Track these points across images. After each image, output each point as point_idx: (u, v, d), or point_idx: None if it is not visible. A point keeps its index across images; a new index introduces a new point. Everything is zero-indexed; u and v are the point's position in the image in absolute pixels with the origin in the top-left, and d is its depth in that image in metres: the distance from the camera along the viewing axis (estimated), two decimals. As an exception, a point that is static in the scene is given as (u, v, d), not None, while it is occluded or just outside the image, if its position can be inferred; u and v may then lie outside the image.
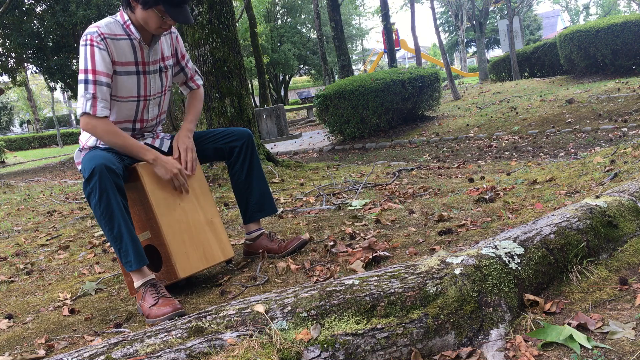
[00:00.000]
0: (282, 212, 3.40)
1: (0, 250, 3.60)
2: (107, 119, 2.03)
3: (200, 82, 2.44)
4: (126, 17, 2.07)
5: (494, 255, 1.54)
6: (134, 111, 2.16)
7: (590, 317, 1.40)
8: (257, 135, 5.45)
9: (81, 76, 2.00)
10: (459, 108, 10.71)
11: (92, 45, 1.98)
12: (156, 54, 2.17)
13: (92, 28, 2.01)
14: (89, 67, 1.98)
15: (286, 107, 21.13)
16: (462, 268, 1.48)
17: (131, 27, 2.06)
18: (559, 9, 46.88)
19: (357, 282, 1.44)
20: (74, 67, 15.87)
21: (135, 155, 2.07)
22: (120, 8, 2.10)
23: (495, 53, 35.77)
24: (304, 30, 31.81)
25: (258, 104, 25.26)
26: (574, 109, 8.01)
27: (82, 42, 2.00)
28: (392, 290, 1.40)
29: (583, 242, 1.68)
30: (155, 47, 2.16)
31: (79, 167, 2.09)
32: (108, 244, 3.25)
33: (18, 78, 18.12)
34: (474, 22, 21.39)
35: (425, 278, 1.45)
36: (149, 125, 2.26)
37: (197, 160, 2.24)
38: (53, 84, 17.38)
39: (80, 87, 1.99)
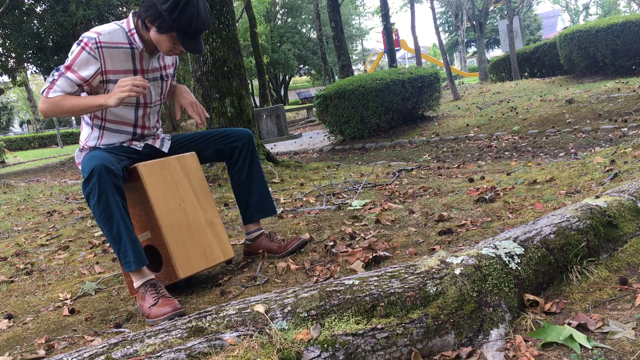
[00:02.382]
0: (282, 212, 3.40)
1: (0, 250, 3.60)
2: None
3: None
4: (132, 25, 2.06)
5: (494, 255, 1.54)
6: (133, 116, 2.17)
7: (590, 317, 1.40)
8: (257, 135, 5.44)
9: (59, 67, 2.03)
10: (459, 108, 10.71)
11: (82, 48, 1.98)
12: (156, 62, 2.18)
13: (92, 33, 2.01)
14: (68, 63, 2.00)
15: (286, 107, 21.14)
16: (462, 268, 1.48)
17: (135, 36, 2.06)
18: (559, 9, 46.90)
19: (357, 282, 1.44)
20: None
21: (93, 107, 2.00)
22: (130, 13, 2.10)
23: (495, 53, 35.77)
24: (304, 30, 31.80)
25: (258, 104, 25.27)
26: (574, 109, 8.02)
27: (77, 41, 2.02)
28: (392, 290, 1.40)
29: (583, 242, 1.69)
30: (156, 55, 2.17)
31: (80, 167, 2.10)
32: (108, 244, 3.26)
33: (18, 78, 18.11)
34: (474, 22, 21.39)
35: (425, 278, 1.45)
36: (150, 133, 2.29)
37: (205, 111, 2.29)
38: (53, 84, 17.34)
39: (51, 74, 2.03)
